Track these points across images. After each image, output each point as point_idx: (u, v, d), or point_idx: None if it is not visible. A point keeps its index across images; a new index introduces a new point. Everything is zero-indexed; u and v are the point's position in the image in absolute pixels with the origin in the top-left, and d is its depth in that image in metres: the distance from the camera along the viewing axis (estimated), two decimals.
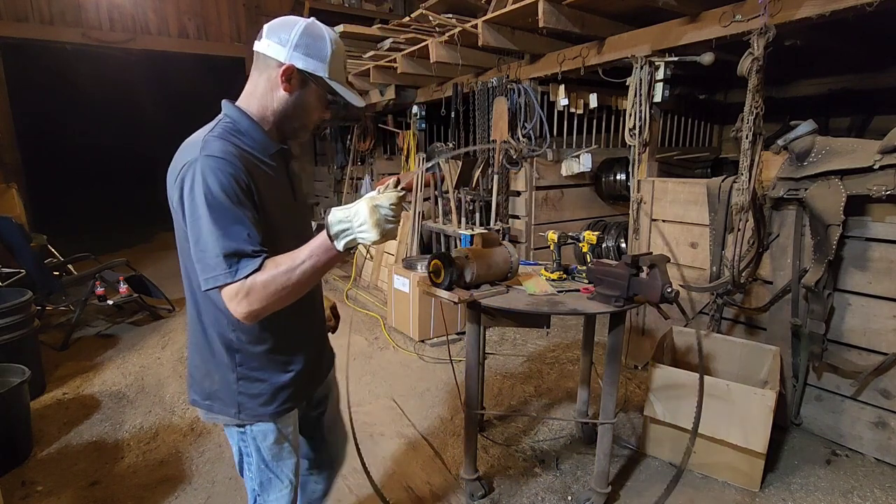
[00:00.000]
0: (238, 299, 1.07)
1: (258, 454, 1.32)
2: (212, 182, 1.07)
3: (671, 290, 1.79)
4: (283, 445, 1.34)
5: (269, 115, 1.22)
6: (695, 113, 5.88)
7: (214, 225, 1.06)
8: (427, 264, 2.03)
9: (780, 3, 2.49)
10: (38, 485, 2.36)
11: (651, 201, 3.30)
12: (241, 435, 1.31)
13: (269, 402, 1.27)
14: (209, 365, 1.26)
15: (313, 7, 7.17)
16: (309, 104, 1.22)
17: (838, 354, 2.53)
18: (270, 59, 1.17)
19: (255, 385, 1.26)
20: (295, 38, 1.14)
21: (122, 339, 4.20)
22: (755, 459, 2.22)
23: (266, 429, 1.30)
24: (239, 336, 1.22)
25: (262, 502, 1.37)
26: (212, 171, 1.07)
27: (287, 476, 1.36)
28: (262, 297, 1.06)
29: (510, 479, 2.36)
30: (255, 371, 1.25)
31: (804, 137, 2.45)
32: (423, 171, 4.79)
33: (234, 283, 1.06)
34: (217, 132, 1.15)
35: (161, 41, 7.25)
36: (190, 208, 1.08)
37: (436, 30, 4.04)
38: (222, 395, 1.26)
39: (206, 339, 1.24)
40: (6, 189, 5.61)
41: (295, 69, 1.16)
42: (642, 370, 3.36)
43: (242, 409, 1.26)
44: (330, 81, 1.20)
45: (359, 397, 3.15)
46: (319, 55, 1.16)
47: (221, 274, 1.06)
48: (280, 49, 1.15)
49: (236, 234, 1.06)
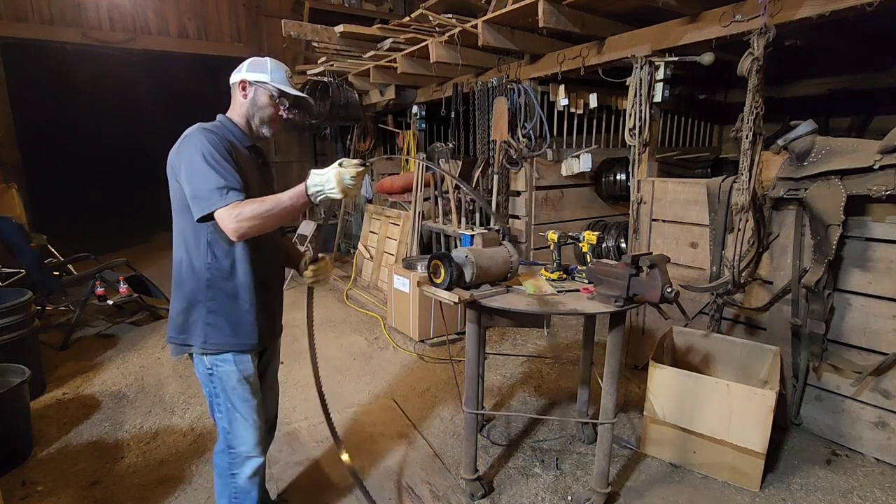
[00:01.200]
0: (230, 218, 1.43)
1: (224, 394, 1.65)
2: (207, 142, 1.51)
3: (671, 290, 1.79)
4: (245, 386, 1.67)
5: (241, 118, 1.71)
6: (695, 113, 5.88)
7: (209, 168, 1.47)
8: (427, 264, 2.03)
9: (780, 3, 2.50)
10: (38, 485, 2.36)
11: (651, 201, 3.29)
12: (210, 378, 1.65)
13: (229, 335, 1.62)
14: (187, 301, 1.61)
15: (313, 7, 7.17)
16: (261, 101, 1.69)
17: (838, 354, 2.53)
18: (234, 84, 1.72)
19: (219, 319, 1.61)
20: (245, 66, 1.71)
21: (122, 339, 4.20)
22: (755, 459, 2.22)
23: (229, 369, 1.64)
24: (213, 275, 1.59)
25: (232, 439, 1.69)
26: (206, 137, 1.52)
27: (251, 415, 1.68)
28: (248, 218, 1.43)
29: (510, 479, 2.36)
30: (222, 307, 1.61)
31: (804, 137, 2.45)
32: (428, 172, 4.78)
33: (225, 206, 1.43)
34: (209, 125, 1.64)
35: (161, 41, 7.25)
36: (188, 161, 1.49)
37: (436, 30, 4.04)
38: (194, 328, 1.62)
39: (187, 278, 1.60)
40: (6, 189, 5.61)
41: (246, 81, 1.69)
42: (642, 370, 3.36)
43: (208, 338, 1.61)
44: (271, 83, 1.68)
45: (359, 397, 3.15)
46: (261, 70, 1.70)
47: (216, 200, 1.44)
48: (237, 74, 1.71)
49: (226, 176, 1.48)
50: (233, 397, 1.65)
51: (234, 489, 1.73)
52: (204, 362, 1.64)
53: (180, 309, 1.63)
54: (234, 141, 1.64)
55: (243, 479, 1.73)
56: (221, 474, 1.76)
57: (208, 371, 1.64)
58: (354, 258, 5.79)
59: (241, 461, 1.71)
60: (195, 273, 1.60)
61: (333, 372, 3.51)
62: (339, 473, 2.40)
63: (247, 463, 1.72)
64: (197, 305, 1.61)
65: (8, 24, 6.13)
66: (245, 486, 1.73)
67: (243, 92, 1.69)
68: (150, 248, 8.27)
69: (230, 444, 1.70)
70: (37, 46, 6.59)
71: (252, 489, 1.75)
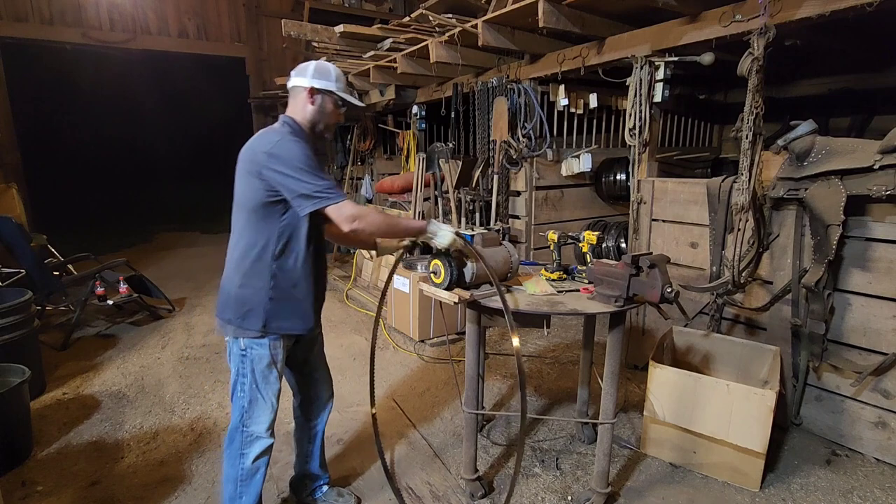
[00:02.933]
0: (352, 216, 1.67)
1: (252, 375, 1.78)
2: (301, 150, 1.68)
3: (671, 290, 1.79)
4: (272, 370, 1.80)
5: (305, 121, 1.82)
6: (695, 113, 5.87)
7: (311, 172, 1.65)
8: (427, 264, 2.03)
9: (780, 3, 2.49)
10: (38, 485, 2.36)
11: (651, 201, 3.30)
12: (242, 358, 1.77)
13: (288, 320, 1.79)
14: (250, 287, 1.75)
15: (313, 7, 7.17)
16: (328, 108, 1.84)
17: (838, 354, 2.53)
18: (299, 88, 1.81)
19: (280, 305, 1.77)
20: (310, 71, 1.79)
21: (122, 339, 4.20)
22: (755, 459, 2.22)
23: (262, 353, 1.77)
24: (279, 267, 1.75)
25: (247, 418, 1.80)
26: (299, 145, 1.69)
27: (270, 399, 1.82)
28: (368, 223, 1.70)
29: (510, 479, 2.36)
30: (283, 295, 1.77)
31: (804, 137, 2.45)
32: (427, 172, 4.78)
33: (341, 201, 1.67)
34: (287, 130, 1.77)
35: (161, 41, 7.25)
36: (288, 165, 1.64)
37: (436, 30, 4.04)
38: (253, 313, 1.74)
39: (254, 269, 1.74)
40: (6, 189, 5.61)
41: (314, 88, 1.79)
42: (642, 370, 3.36)
43: (269, 321, 1.75)
44: (336, 92, 1.82)
45: (359, 397, 3.15)
46: (327, 78, 1.81)
47: (331, 197, 1.66)
48: (303, 79, 1.80)
49: (325, 178, 1.69)
50: (259, 379, 1.79)
51: (241, 470, 1.83)
52: (239, 344, 1.78)
53: (240, 295, 1.76)
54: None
55: (251, 459, 1.83)
56: (231, 455, 1.84)
57: (242, 352, 1.78)
58: (354, 258, 5.79)
59: (251, 440, 1.82)
60: (262, 263, 1.74)
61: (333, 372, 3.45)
62: (339, 472, 2.40)
63: (257, 443, 1.83)
64: (259, 293, 1.75)
65: (8, 24, 6.13)
66: (251, 468, 1.83)
67: (311, 98, 1.79)
68: (150, 248, 8.26)
69: (245, 422, 1.81)
70: (37, 46, 6.59)
71: (257, 471, 1.85)
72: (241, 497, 1.84)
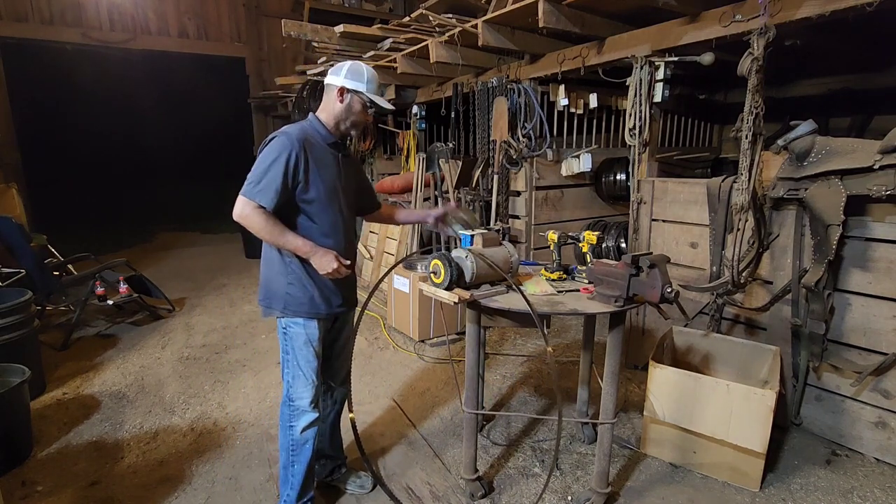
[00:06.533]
0: (241, 207, 1.75)
1: (293, 352, 1.94)
2: (277, 151, 1.77)
3: (671, 290, 1.79)
4: (309, 348, 1.94)
5: (332, 119, 1.93)
6: (695, 113, 5.87)
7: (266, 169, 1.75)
8: (427, 264, 2.03)
9: (780, 3, 2.49)
10: (38, 485, 2.36)
11: (651, 201, 3.30)
12: (284, 336, 1.95)
13: (304, 304, 1.91)
14: (272, 273, 1.92)
15: (313, 7, 7.17)
16: (356, 108, 1.92)
17: (838, 354, 2.53)
18: (332, 86, 1.91)
19: (296, 290, 1.90)
20: (344, 72, 1.89)
21: (122, 339, 4.20)
22: (755, 459, 2.22)
23: (299, 331, 1.92)
24: (293, 256, 1.87)
25: (293, 392, 1.95)
26: (282, 144, 1.78)
27: (310, 375, 1.95)
28: (248, 224, 1.76)
29: (510, 479, 2.36)
30: (298, 281, 1.90)
31: (804, 137, 2.45)
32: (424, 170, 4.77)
33: (246, 197, 1.75)
34: (298, 125, 1.91)
35: (161, 41, 7.25)
36: (260, 156, 1.79)
37: (436, 30, 4.04)
38: (276, 297, 1.92)
39: (273, 256, 1.91)
40: (6, 189, 5.61)
41: (345, 88, 1.89)
42: (642, 370, 3.36)
43: (287, 305, 1.90)
44: (367, 93, 1.90)
45: (359, 397, 3.15)
46: (359, 79, 1.89)
47: (246, 189, 1.75)
48: (336, 78, 1.90)
49: (271, 181, 1.75)
50: (298, 356, 1.94)
51: (291, 440, 1.98)
52: (281, 323, 1.95)
53: (269, 278, 1.94)
54: (314, 139, 1.88)
55: (298, 430, 1.96)
56: (283, 426, 2.00)
57: (283, 330, 1.95)
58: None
59: (298, 413, 1.96)
60: (279, 252, 1.89)
61: None
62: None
63: (303, 416, 1.96)
64: (279, 278, 1.91)
65: (8, 24, 6.13)
66: (300, 438, 1.97)
67: (340, 97, 1.89)
68: (150, 248, 8.26)
69: (290, 396, 1.96)
70: (37, 46, 6.59)
71: (307, 441, 1.98)
72: (293, 465, 1.99)
